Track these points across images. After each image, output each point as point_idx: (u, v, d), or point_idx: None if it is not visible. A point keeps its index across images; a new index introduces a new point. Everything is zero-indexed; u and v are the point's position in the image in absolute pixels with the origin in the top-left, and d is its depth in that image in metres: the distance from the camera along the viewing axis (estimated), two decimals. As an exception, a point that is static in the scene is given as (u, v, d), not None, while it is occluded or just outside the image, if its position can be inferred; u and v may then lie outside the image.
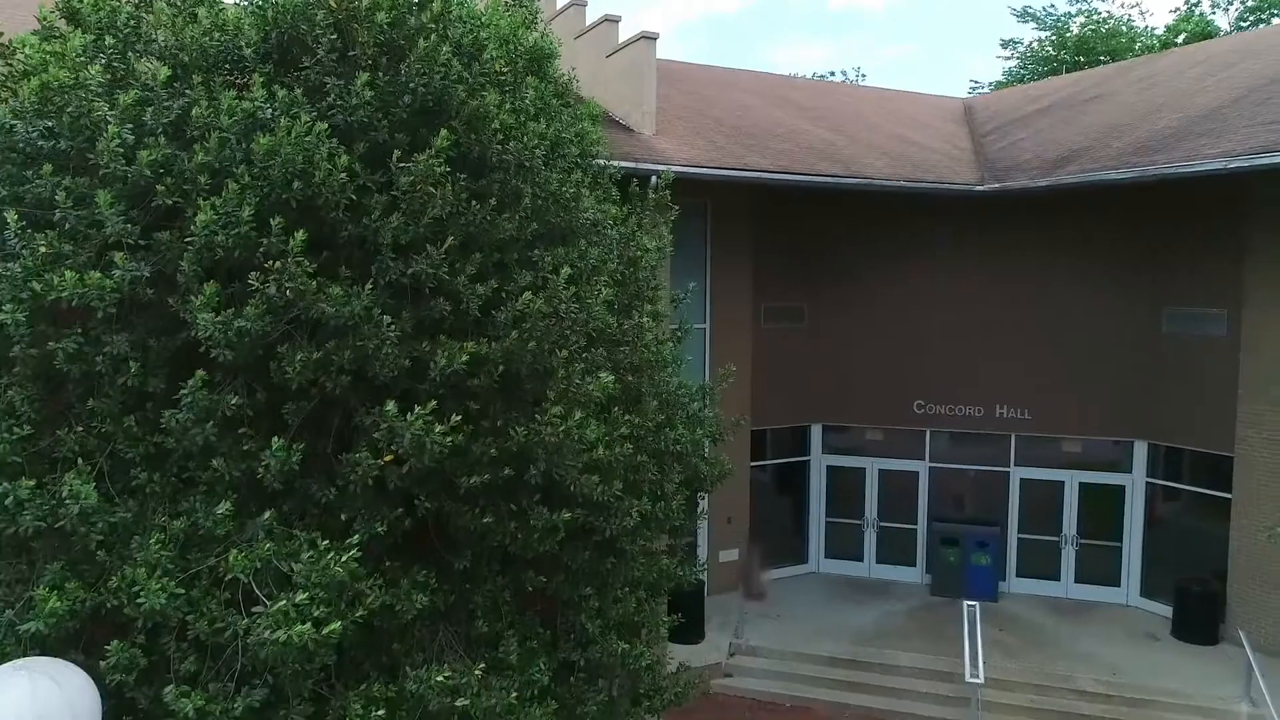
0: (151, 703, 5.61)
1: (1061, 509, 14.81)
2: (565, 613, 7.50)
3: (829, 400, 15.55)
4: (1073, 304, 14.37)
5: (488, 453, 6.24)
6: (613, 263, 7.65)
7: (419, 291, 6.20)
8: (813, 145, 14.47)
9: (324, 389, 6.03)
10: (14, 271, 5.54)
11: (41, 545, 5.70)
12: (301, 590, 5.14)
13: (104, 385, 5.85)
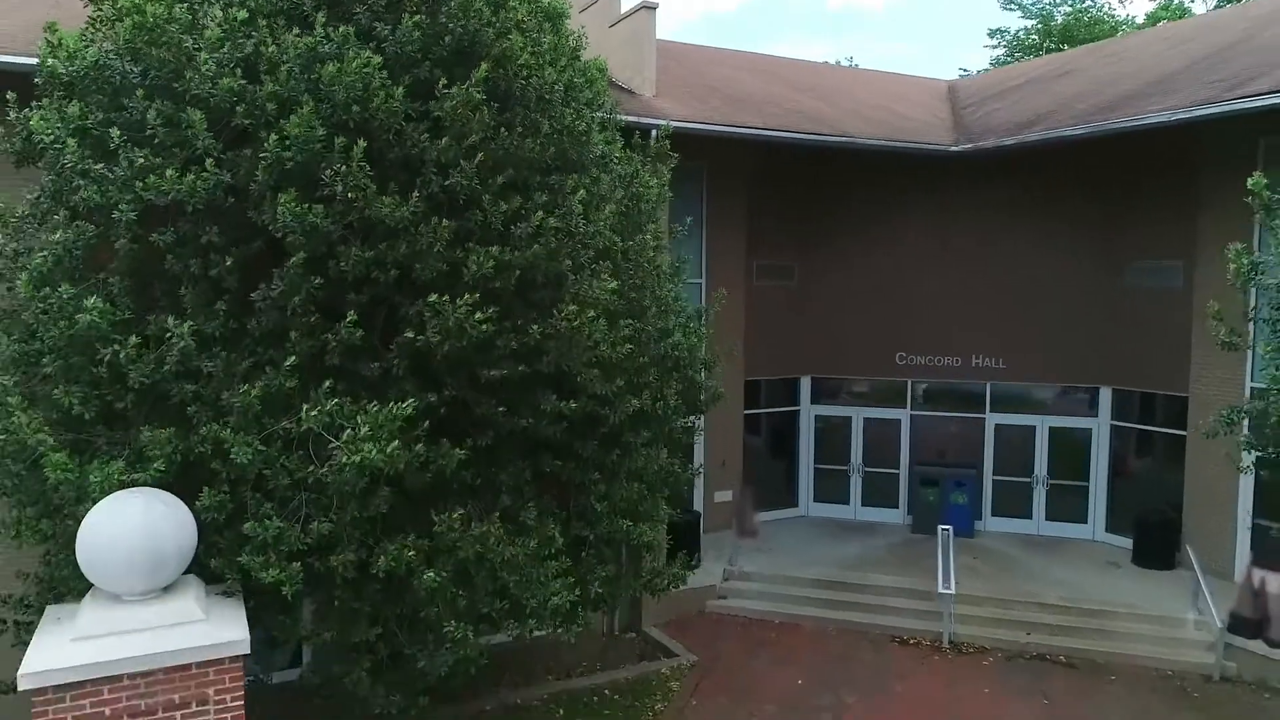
0: (228, 543, 6.69)
1: (1033, 452, 15.91)
2: (577, 496, 8.58)
3: (817, 353, 16.63)
4: (1043, 260, 15.45)
5: (509, 345, 7.30)
6: (619, 192, 8.73)
7: (454, 204, 7.27)
8: (802, 111, 15.52)
9: (375, 283, 7.12)
10: (121, 175, 6.59)
11: (142, 407, 6.77)
12: (365, 428, 6.20)
13: (192, 275, 6.91)
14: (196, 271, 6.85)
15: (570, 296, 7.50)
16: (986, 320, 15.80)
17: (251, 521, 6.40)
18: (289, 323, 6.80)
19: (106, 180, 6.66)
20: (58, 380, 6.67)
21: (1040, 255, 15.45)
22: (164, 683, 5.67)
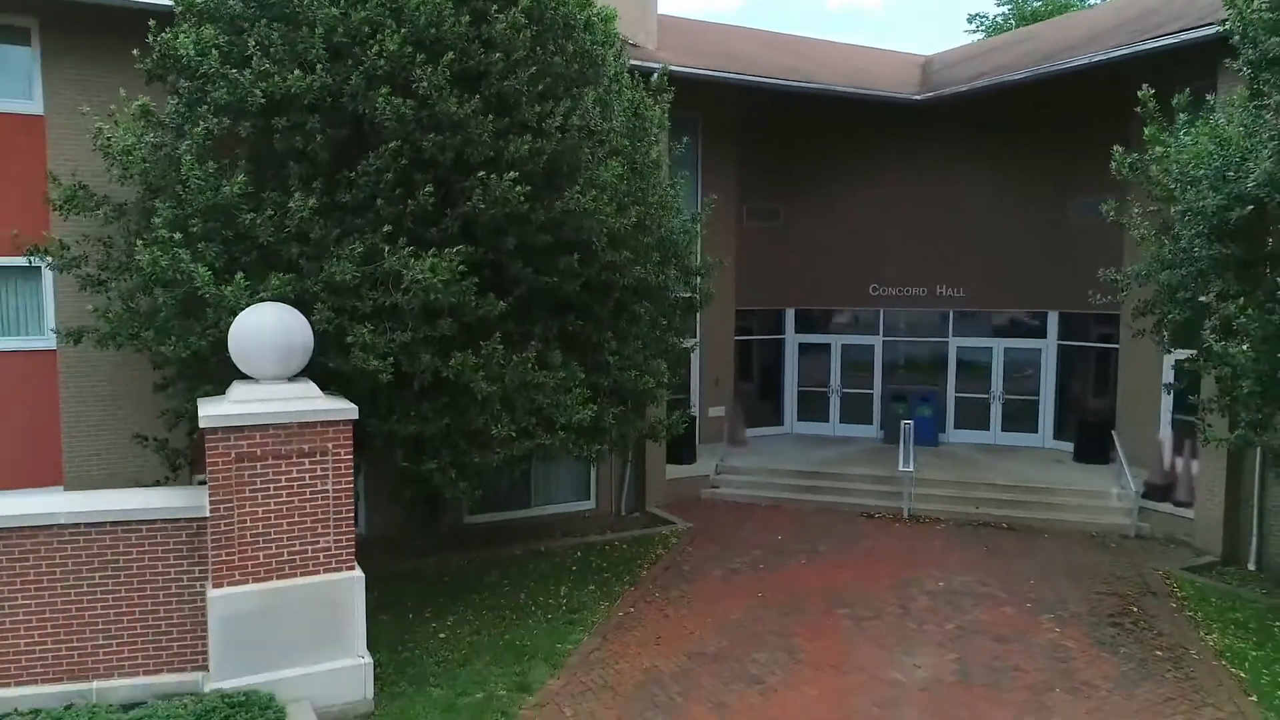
0: (337, 351, 8.73)
1: (990, 371, 17.98)
2: (594, 353, 10.64)
3: (800, 287, 18.70)
4: (998, 201, 17.50)
5: (539, 218, 9.36)
6: (628, 105, 10.81)
7: (502, 105, 9.33)
8: (784, 66, 17.58)
9: (438, 165, 9.18)
10: (249, 78, 8.66)
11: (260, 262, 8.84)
12: (429, 265, 8.27)
13: (297, 152, 8.97)
14: (300, 146, 8.91)
15: (585, 180, 9.58)
16: (949, 255, 17.86)
17: (352, 332, 8.49)
18: (379, 192, 8.88)
19: (239, 83, 8.74)
20: (200, 238, 8.75)
21: (996, 196, 17.51)
22: (297, 435, 7.75)
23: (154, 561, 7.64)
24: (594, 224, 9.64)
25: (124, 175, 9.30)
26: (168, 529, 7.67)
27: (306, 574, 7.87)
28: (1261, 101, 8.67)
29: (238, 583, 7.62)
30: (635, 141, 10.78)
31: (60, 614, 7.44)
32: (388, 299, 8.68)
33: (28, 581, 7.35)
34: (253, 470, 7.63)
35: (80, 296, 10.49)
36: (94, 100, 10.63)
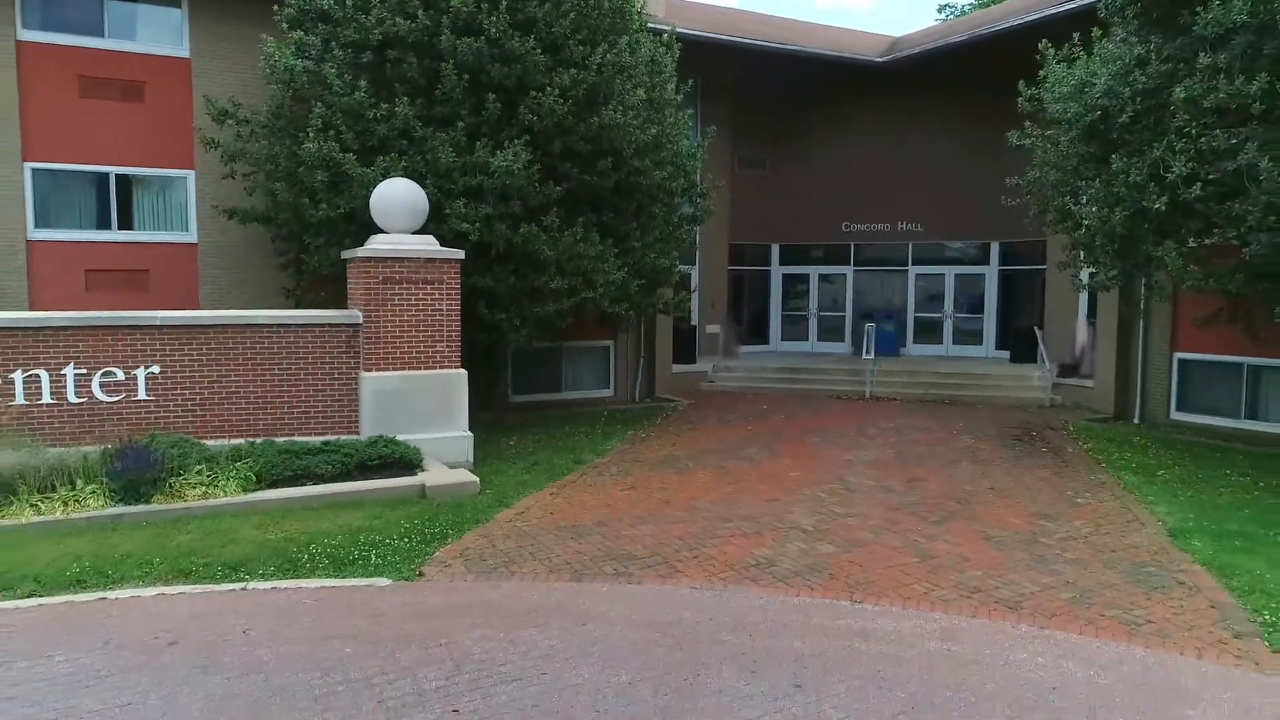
0: (440, 225, 11.89)
1: (944, 294, 21.28)
2: (623, 241, 13.81)
3: (783, 225, 21.95)
4: (950, 148, 20.77)
5: (580, 131, 12.52)
6: (647, 54, 14.02)
7: (553, 46, 12.50)
8: (773, 37, 20.82)
9: (505, 89, 12.29)
10: (369, 21, 11.81)
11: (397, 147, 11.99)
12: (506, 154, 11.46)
13: (403, 76, 12.11)
14: (405, 73, 12.08)
15: (618, 102, 12.79)
16: (909, 195, 21.15)
17: (448, 206, 11.68)
18: (460, 107, 12.05)
19: (364, 25, 11.90)
20: (340, 136, 11.90)
21: (948, 144, 20.79)
22: (423, 268, 10.94)
23: (322, 354, 10.83)
24: (624, 135, 12.86)
25: (286, 88, 12.45)
26: (332, 330, 10.87)
27: (428, 367, 11.08)
28: (1111, 37, 11.98)
29: (382, 369, 10.83)
30: (654, 78, 14.00)
31: (259, 387, 10.61)
32: (475, 181, 11.87)
33: (237, 364, 10.52)
34: (392, 290, 10.83)
35: (218, 192, 13.68)
36: (229, 45, 13.82)
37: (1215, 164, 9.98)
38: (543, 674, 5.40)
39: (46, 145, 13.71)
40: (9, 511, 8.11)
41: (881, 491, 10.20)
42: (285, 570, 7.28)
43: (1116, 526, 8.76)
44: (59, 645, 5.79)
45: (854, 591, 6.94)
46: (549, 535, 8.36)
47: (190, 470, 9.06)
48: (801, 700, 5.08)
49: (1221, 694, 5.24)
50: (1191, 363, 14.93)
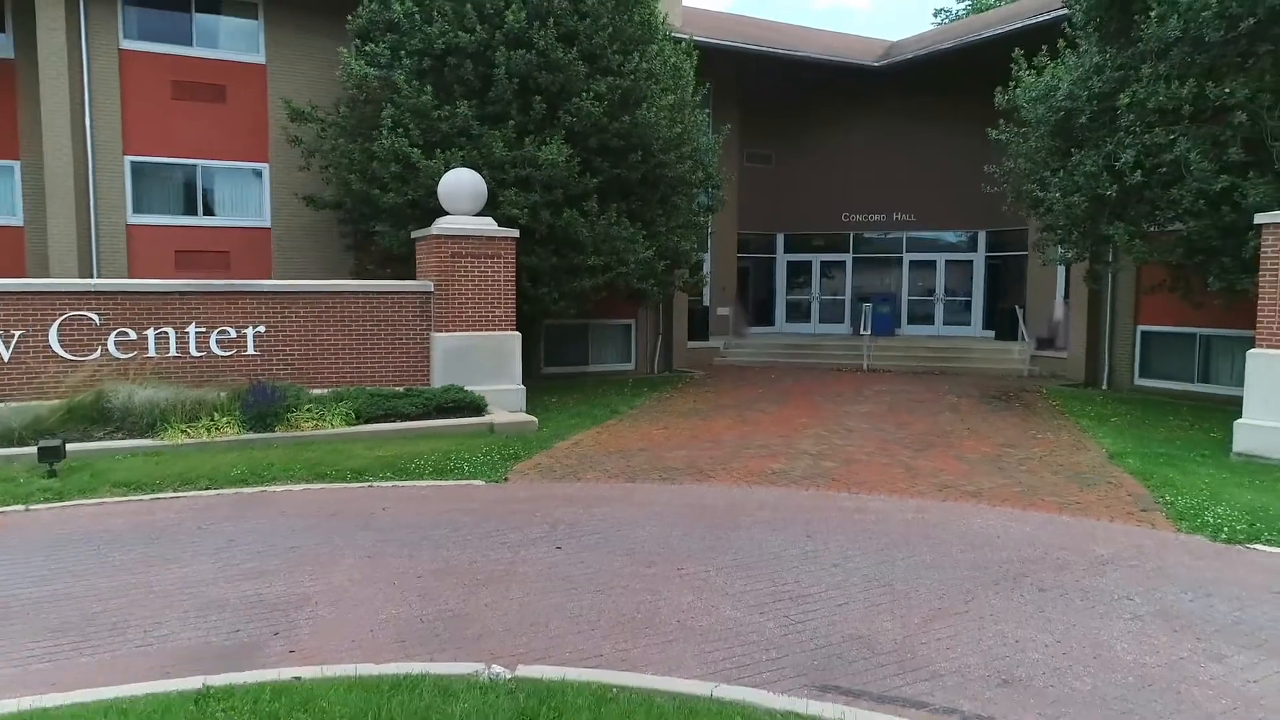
0: (493, 210, 13.76)
1: (935, 279, 23.16)
2: (649, 226, 15.69)
3: (788, 216, 23.83)
4: (941, 144, 22.62)
5: (615, 128, 14.40)
6: (670, 60, 15.92)
7: (591, 56, 14.38)
8: (776, 43, 22.71)
9: (549, 92, 14.17)
10: (433, 32, 13.69)
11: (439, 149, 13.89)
12: (549, 149, 13.35)
13: (461, 80, 14.01)
14: (463, 77, 13.95)
15: (648, 103, 14.67)
16: (903, 187, 23.02)
17: (501, 194, 13.55)
18: (509, 108, 13.92)
19: (428, 36, 13.77)
20: (405, 130, 13.77)
21: (939, 141, 22.65)
22: (484, 244, 12.82)
23: (400, 317, 12.72)
24: (654, 133, 14.74)
25: (360, 91, 14.34)
26: (408, 298, 12.76)
27: (488, 329, 12.97)
28: (1075, 48, 13.86)
29: (450, 330, 12.73)
30: (677, 82, 15.89)
31: (348, 345, 12.50)
32: (524, 172, 13.75)
33: (329, 325, 12.40)
34: (459, 263, 12.72)
35: (290, 185, 15.58)
36: (300, 51, 15.73)
37: (1156, 156, 11.87)
38: (617, 530, 7.28)
39: (143, 141, 15.61)
40: (167, 435, 10.00)
41: (875, 431, 12.10)
42: (399, 474, 9.18)
43: (1066, 451, 10.65)
44: (246, 516, 7.68)
45: (851, 487, 8.83)
46: (602, 456, 10.26)
47: (301, 408, 10.95)
48: (812, 544, 6.96)
49: (1121, 539, 7.13)
50: (1152, 334, 16.80)
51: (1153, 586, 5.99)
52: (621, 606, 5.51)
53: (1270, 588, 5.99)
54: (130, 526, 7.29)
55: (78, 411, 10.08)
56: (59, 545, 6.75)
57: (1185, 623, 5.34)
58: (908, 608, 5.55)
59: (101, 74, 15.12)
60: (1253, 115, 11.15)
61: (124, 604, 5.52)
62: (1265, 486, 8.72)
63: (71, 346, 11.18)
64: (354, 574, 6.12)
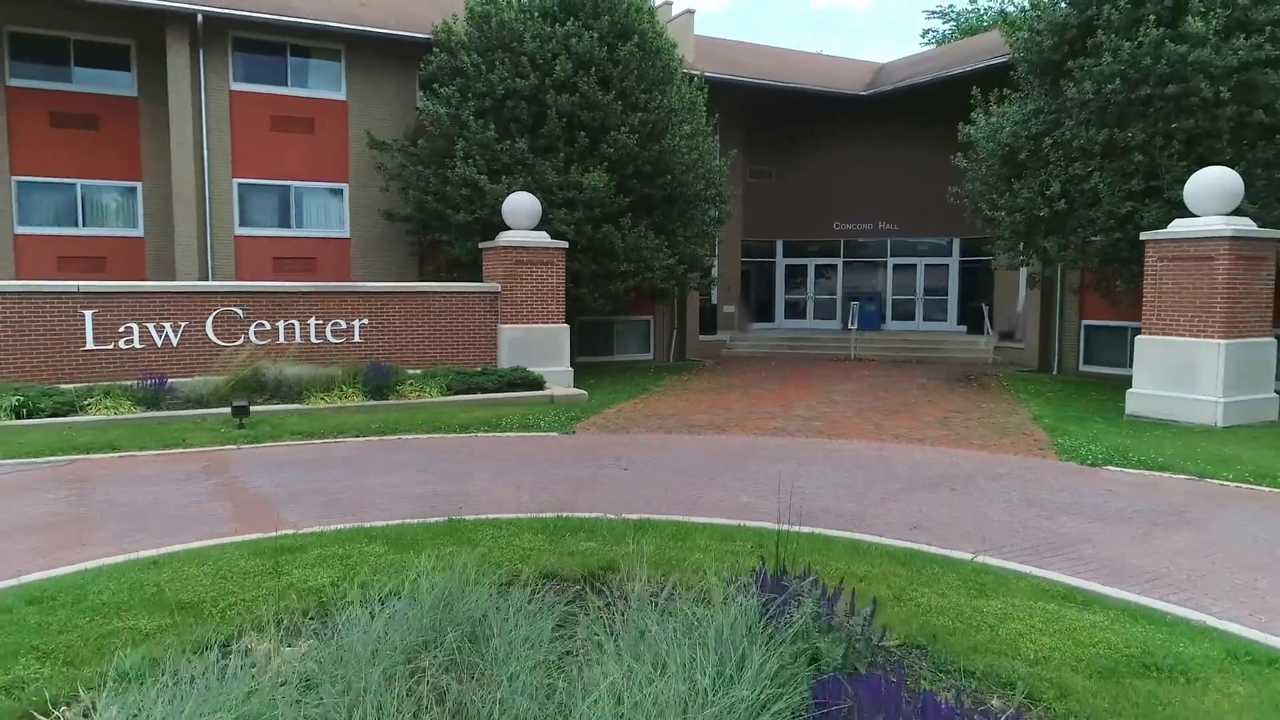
0: (545, 226, 16.89)
1: (915, 281, 26.26)
2: (670, 236, 18.78)
3: (786, 225, 26.91)
4: (921, 161, 25.66)
5: (646, 155, 17.52)
6: (688, 96, 19.03)
7: (623, 96, 17.48)
8: (776, 71, 25.79)
9: (587, 126, 17.29)
10: (493, 79, 16.84)
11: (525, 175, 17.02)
12: (592, 174, 16.50)
13: (517, 119, 17.17)
14: (518, 115, 17.04)
15: (671, 133, 17.75)
16: (888, 200, 26.10)
17: (551, 212, 16.63)
18: (558, 141, 16.98)
19: (490, 81, 16.84)
20: (474, 160, 16.85)
21: (918, 159, 25.71)
22: (539, 254, 15.91)
23: (474, 312, 15.81)
24: (676, 158, 17.83)
25: (435, 128, 17.43)
26: (480, 296, 15.85)
27: (543, 322, 16.05)
28: (1019, 94, 16.96)
29: (514, 323, 15.82)
30: (693, 115, 18.98)
31: (433, 334, 15.57)
32: (570, 194, 16.83)
33: (419, 318, 15.47)
34: (520, 269, 15.80)
35: (366, 201, 18.67)
36: (375, 89, 18.83)
37: (1077, 186, 14.97)
38: (665, 460, 10.37)
39: (248, 166, 18.69)
40: (311, 401, 13.08)
41: (854, 403, 15.21)
42: (492, 428, 12.26)
43: (1000, 416, 13.76)
44: (396, 453, 10.74)
45: (832, 437, 11.93)
46: (642, 418, 13.36)
47: (405, 383, 14.04)
48: (801, 468, 10.04)
49: (1018, 464, 10.23)
50: (1093, 327, 19.89)
51: (1027, 488, 9.08)
52: (676, 498, 8.60)
53: (1100, 488, 9.09)
54: (320, 457, 10.38)
55: (242, 383, 13.15)
56: (279, 467, 9.84)
57: (1039, 503, 8.43)
58: (863, 497, 8.65)
59: (216, 111, 18.20)
60: (1149, 155, 14.24)
61: (353, 496, 8.59)
62: (1133, 434, 11.83)
63: (222, 335, 14.27)
64: (490, 482, 9.20)
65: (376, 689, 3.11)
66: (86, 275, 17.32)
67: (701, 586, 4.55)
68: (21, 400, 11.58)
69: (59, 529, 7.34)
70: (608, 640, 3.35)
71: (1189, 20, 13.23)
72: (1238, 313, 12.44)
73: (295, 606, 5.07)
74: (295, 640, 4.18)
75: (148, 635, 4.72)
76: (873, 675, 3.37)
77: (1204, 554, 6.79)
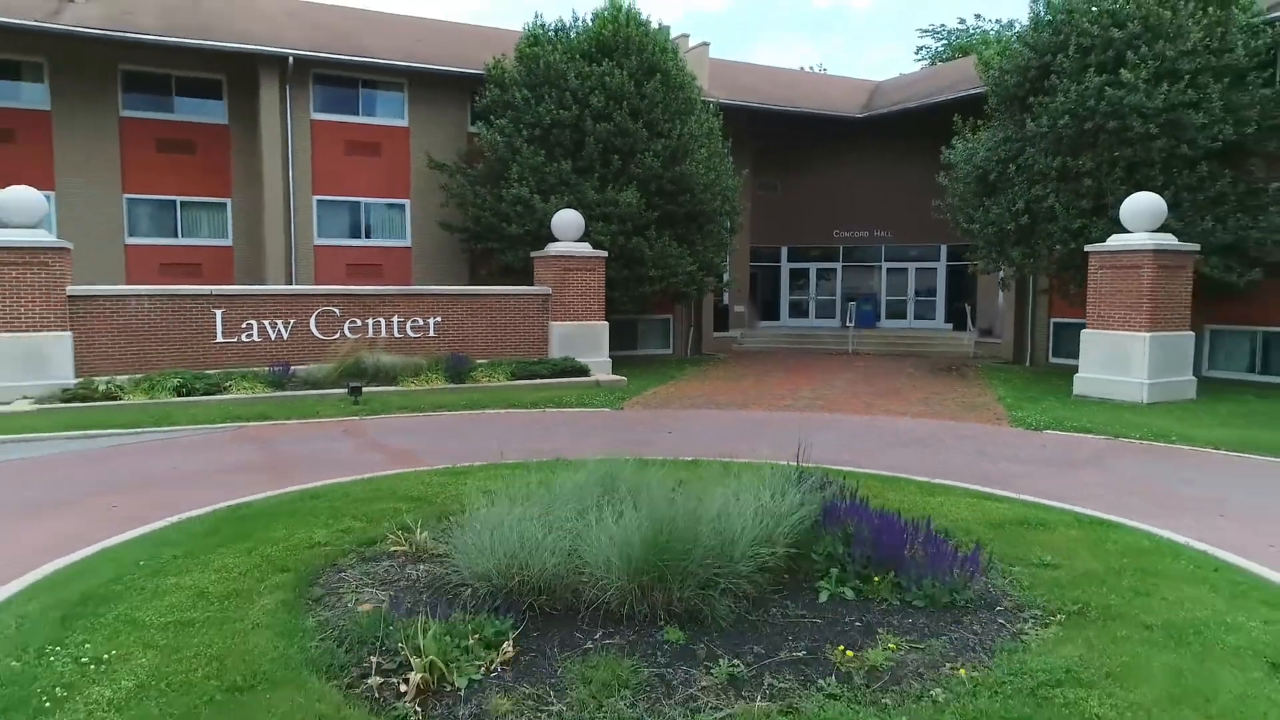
0: (585, 238, 19.78)
1: (907, 283, 29.11)
2: (691, 247, 21.62)
3: (790, 233, 29.75)
4: (911, 173, 28.44)
5: (668, 176, 20.40)
6: (706, 123, 21.90)
7: (650, 125, 20.33)
8: (781, 97, 28.63)
9: (620, 151, 20.17)
10: (541, 111, 19.74)
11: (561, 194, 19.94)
12: (625, 191, 19.41)
13: (561, 145, 20.05)
14: (563, 142, 19.88)
15: (691, 157, 20.60)
16: (883, 210, 28.94)
17: (590, 225, 19.49)
18: (595, 164, 19.83)
19: (539, 113, 19.68)
20: (526, 181, 19.70)
21: (909, 172, 28.52)
22: (583, 262, 18.77)
23: (529, 311, 18.66)
24: (695, 179, 20.67)
25: (492, 152, 20.28)
26: (534, 298, 18.71)
27: (587, 319, 18.91)
28: (991, 122, 19.82)
29: (562, 321, 18.68)
30: (710, 141, 21.81)
31: (496, 329, 18.42)
32: (607, 210, 19.66)
33: (483, 316, 18.32)
34: (568, 275, 18.65)
35: (425, 215, 21.56)
36: (433, 117, 21.71)
37: (1038, 204, 17.81)
38: (700, 428, 13.21)
39: (325, 184, 21.55)
40: (403, 384, 15.92)
41: (850, 387, 18.05)
42: (556, 405, 15.09)
43: (971, 396, 16.61)
44: (486, 423, 13.58)
45: (832, 412, 14.78)
46: (675, 398, 16.20)
47: (477, 370, 16.89)
48: (809, 433, 12.87)
49: (978, 429, 13.07)
50: (1061, 324, 22.70)
51: (982, 445, 11.92)
52: (716, 450, 11.43)
53: (1037, 445, 11.93)
54: (429, 425, 13.23)
55: (346, 370, 15.99)
56: (402, 431, 12.68)
57: (988, 454, 11.28)
58: (857, 451, 11.50)
59: (299, 138, 21.05)
60: (1096, 180, 17.08)
61: (472, 449, 11.41)
62: (1074, 409, 14.69)
63: (323, 330, 17.12)
64: (570, 441, 12.02)
65: (581, 502, 5.91)
66: (184, 280, 20.15)
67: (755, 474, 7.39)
68: (181, 382, 14.44)
69: (270, 468, 10.18)
70: (711, 487, 6.15)
71: (1124, 71, 16.08)
72: (1160, 311, 15.29)
73: (484, 499, 7.90)
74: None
75: (404, 510, 7.54)
76: (852, 505, 6.22)
77: (1097, 483, 9.64)
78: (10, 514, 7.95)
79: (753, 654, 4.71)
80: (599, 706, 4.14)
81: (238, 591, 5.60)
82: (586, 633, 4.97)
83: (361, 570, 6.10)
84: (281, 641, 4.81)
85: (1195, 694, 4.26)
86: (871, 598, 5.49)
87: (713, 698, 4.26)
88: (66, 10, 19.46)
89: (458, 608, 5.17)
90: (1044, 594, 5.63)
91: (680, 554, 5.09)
